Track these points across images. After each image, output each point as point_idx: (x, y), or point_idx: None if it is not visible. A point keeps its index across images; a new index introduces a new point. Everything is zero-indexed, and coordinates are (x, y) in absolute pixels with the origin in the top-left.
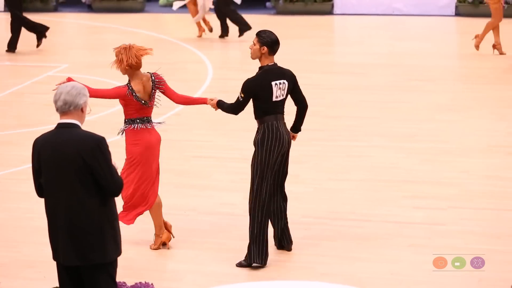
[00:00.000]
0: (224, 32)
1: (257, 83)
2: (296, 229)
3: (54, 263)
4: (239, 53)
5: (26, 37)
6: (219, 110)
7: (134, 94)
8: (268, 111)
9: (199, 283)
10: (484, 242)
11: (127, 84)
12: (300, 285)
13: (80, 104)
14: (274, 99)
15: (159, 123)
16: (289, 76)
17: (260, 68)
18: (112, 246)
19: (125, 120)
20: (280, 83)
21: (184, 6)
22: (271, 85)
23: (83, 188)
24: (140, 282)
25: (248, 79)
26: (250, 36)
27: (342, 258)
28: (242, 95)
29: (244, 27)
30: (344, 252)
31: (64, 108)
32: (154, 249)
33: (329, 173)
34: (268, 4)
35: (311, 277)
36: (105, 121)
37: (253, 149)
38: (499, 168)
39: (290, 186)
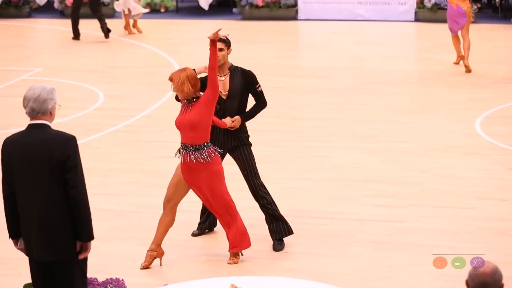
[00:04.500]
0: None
1: None
2: (262, 226)
3: (27, 259)
4: (206, 57)
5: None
6: None
7: None
8: None
9: (168, 278)
10: (442, 239)
11: None
12: (265, 281)
13: (48, 109)
14: None
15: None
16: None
17: (233, 66)
18: None
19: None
20: None
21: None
22: None
23: (55, 186)
24: (111, 278)
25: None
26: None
27: (306, 255)
28: (259, 85)
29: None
30: (308, 249)
31: (33, 114)
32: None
33: (294, 173)
34: (234, 10)
35: (276, 273)
36: (77, 123)
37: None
38: (456, 167)
39: None
